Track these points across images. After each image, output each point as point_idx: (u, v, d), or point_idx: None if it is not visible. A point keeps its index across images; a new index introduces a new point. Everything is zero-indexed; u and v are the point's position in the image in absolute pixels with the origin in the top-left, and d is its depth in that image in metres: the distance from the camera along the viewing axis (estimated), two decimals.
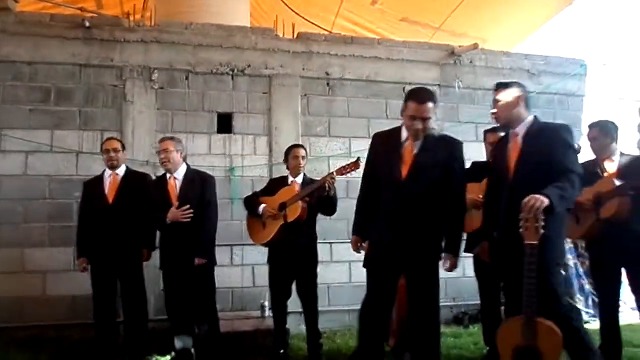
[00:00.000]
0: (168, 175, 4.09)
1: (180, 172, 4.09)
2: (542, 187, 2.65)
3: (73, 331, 4.50)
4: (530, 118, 3.03)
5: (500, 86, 3.13)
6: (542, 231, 2.57)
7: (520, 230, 2.62)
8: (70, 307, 4.66)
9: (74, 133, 4.89)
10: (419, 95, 3.04)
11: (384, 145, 3.24)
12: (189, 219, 3.90)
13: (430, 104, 3.00)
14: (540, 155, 2.89)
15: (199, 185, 4.06)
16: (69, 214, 4.72)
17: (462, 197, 3.13)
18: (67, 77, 4.93)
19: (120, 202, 4.08)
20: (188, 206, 3.90)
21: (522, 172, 2.94)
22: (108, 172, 4.18)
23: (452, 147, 3.11)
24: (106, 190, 4.11)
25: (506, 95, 3.04)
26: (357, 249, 3.37)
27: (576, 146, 3.73)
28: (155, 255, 4.24)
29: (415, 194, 3.03)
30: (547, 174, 2.77)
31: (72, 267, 4.61)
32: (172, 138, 4.17)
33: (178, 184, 4.06)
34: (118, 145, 4.23)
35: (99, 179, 4.20)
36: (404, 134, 3.12)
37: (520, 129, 3.02)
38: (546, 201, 2.57)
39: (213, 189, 4.14)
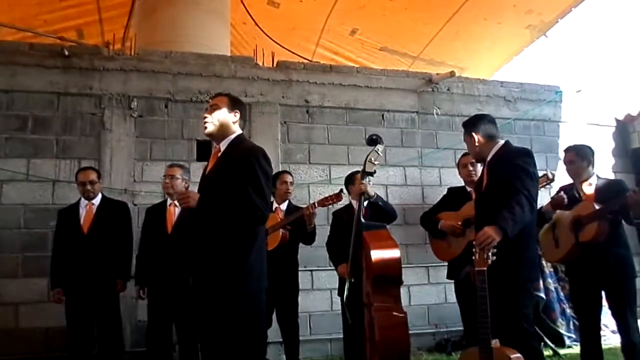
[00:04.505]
0: (169, 202, 4.11)
1: None
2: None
3: None
4: None
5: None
6: (492, 258, 2.65)
7: (473, 257, 2.70)
8: (44, 340, 4.52)
9: (50, 161, 4.81)
10: None
11: None
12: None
13: (218, 98, 2.84)
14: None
15: None
16: (45, 244, 4.61)
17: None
18: (44, 105, 4.88)
19: (95, 232, 4.01)
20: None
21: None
22: (84, 201, 4.12)
23: None
24: (81, 220, 4.04)
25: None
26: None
27: (550, 175, 3.80)
28: (131, 285, 4.15)
29: None
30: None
31: (46, 299, 4.48)
32: (180, 166, 4.24)
33: (177, 211, 4.05)
34: (94, 177, 4.14)
35: (75, 207, 4.13)
36: None
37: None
38: (497, 238, 2.65)
39: None
